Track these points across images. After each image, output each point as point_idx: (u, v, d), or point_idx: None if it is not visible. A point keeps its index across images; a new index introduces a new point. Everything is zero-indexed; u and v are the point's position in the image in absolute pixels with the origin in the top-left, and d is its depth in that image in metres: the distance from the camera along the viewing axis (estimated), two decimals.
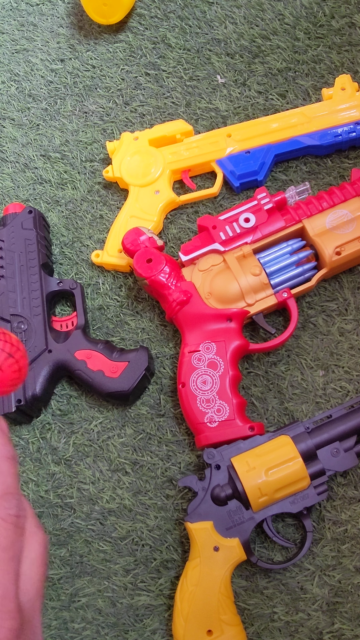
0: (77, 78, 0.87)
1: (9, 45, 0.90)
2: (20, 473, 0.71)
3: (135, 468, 0.69)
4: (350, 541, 0.64)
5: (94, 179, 0.81)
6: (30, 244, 0.74)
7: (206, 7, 0.86)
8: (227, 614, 0.60)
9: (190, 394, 0.66)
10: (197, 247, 0.70)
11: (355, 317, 0.70)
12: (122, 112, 0.84)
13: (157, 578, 0.66)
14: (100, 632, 0.65)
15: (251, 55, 0.83)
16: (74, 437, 0.71)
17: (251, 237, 0.69)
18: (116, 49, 0.87)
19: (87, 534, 0.68)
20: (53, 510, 0.69)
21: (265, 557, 0.65)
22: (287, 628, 0.63)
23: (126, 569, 0.67)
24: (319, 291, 0.72)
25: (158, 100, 0.83)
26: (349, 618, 0.62)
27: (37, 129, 0.85)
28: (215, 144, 0.77)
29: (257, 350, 0.68)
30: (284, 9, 0.84)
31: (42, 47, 0.89)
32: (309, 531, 0.62)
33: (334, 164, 0.76)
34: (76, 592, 0.67)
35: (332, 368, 0.69)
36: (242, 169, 0.75)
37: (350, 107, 0.75)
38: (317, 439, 0.62)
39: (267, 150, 0.75)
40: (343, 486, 0.65)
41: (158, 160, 0.77)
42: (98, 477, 0.69)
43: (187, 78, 0.83)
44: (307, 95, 0.80)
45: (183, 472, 0.68)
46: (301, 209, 0.70)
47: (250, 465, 0.61)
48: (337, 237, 0.68)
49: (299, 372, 0.69)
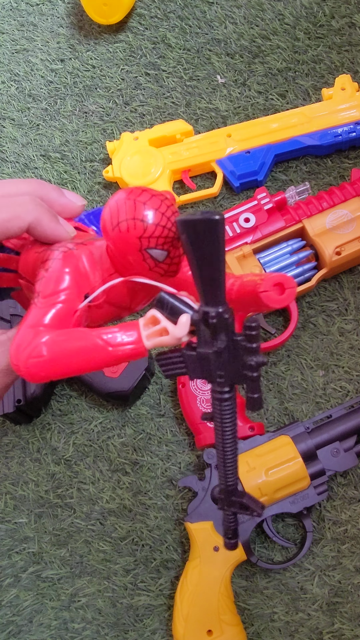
0: (77, 78, 0.87)
1: (9, 45, 0.90)
2: (20, 473, 0.71)
3: (135, 468, 0.69)
4: (350, 541, 0.64)
5: (94, 179, 0.81)
6: None
7: (206, 7, 0.86)
8: (227, 614, 0.60)
9: (190, 394, 0.66)
10: None
11: (355, 317, 0.70)
12: (122, 112, 0.84)
13: (157, 578, 0.66)
14: (100, 632, 0.65)
15: (251, 55, 0.83)
16: (74, 437, 0.71)
17: (251, 237, 0.69)
18: (116, 49, 0.87)
19: (87, 534, 0.68)
20: (53, 510, 0.69)
21: (265, 557, 0.65)
22: (287, 628, 0.63)
23: (126, 569, 0.67)
24: (319, 291, 0.72)
25: (158, 100, 0.83)
26: (348, 618, 0.62)
27: (37, 129, 0.85)
28: (215, 144, 0.77)
29: None
30: (284, 9, 0.83)
31: (42, 47, 0.89)
32: (309, 531, 0.62)
33: (334, 164, 0.76)
34: (76, 592, 0.67)
35: (332, 368, 0.69)
36: (242, 169, 0.75)
37: (350, 107, 0.75)
38: (317, 439, 0.62)
39: (267, 150, 0.75)
40: (343, 486, 0.65)
41: (158, 160, 0.77)
42: (98, 477, 0.69)
43: (187, 78, 0.83)
44: (307, 95, 0.80)
45: (183, 472, 0.68)
46: (301, 209, 0.70)
47: (250, 465, 0.61)
48: (337, 237, 0.68)
49: (299, 372, 0.69)
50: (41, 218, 0.39)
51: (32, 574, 0.68)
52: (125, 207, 0.35)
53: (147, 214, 0.34)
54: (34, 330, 0.34)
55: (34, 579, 0.68)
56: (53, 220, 0.39)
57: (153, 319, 0.33)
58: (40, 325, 0.35)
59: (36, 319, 0.35)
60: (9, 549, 0.69)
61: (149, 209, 0.34)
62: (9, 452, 0.71)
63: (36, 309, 0.35)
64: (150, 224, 0.34)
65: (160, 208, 0.35)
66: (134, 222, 0.34)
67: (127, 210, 0.35)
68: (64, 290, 0.36)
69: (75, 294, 0.36)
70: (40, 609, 0.67)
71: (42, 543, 0.68)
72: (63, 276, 0.36)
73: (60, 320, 0.35)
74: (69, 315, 0.36)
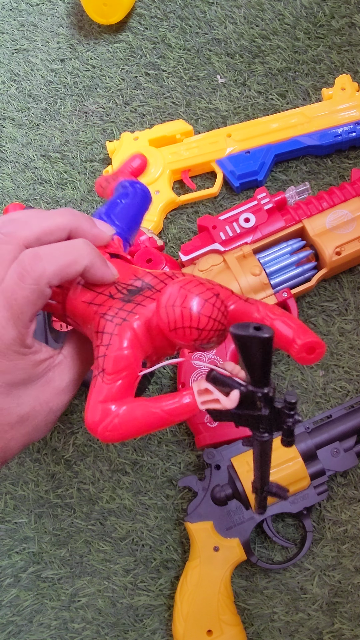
0: (77, 78, 0.87)
1: (9, 45, 0.90)
2: (20, 473, 0.71)
3: (135, 468, 0.69)
4: (350, 541, 0.64)
5: (94, 179, 0.81)
6: None
7: (206, 7, 0.86)
8: (227, 614, 0.60)
9: None
10: (197, 247, 0.70)
11: (355, 317, 0.70)
12: (122, 112, 0.84)
13: (157, 578, 0.66)
14: (100, 632, 0.65)
15: (251, 55, 0.83)
16: (74, 437, 0.71)
17: (251, 237, 0.69)
18: (116, 49, 0.87)
19: (87, 534, 0.68)
20: (53, 510, 0.69)
21: (265, 557, 0.65)
22: (287, 628, 0.63)
23: (126, 569, 0.67)
24: (319, 291, 0.72)
25: (158, 100, 0.83)
26: (348, 618, 0.62)
27: (37, 129, 0.85)
28: (215, 144, 0.77)
29: None
30: (284, 9, 0.83)
31: (42, 47, 0.89)
32: (309, 531, 0.62)
33: (334, 164, 0.76)
34: (76, 592, 0.67)
35: (332, 368, 0.69)
36: (242, 169, 0.75)
37: (350, 107, 0.75)
38: (317, 439, 0.62)
39: (267, 150, 0.75)
40: (343, 486, 0.65)
41: (158, 160, 0.77)
42: (98, 477, 0.69)
43: (187, 78, 0.83)
44: (307, 95, 0.80)
45: (183, 472, 0.68)
46: (301, 209, 0.70)
47: (250, 465, 0.61)
48: (337, 237, 0.68)
49: (299, 372, 0.69)
50: (94, 262, 0.41)
51: (32, 574, 0.68)
52: (182, 313, 0.39)
53: (201, 319, 0.38)
54: (103, 406, 0.39)
55: (34, 579, 0.68)
56: (104, 265, 0.42)
57: (206, 390, 0.38)
58: (109, 401, 0.39)
59: (104, 394, 0.40)
60: (9, 549, 0.69)
61: (204, 314, 0.38)
62: None
63: (103, 385, 0.40)
64: (204, 328, 0.38)
65: (212, 313, 0.38)
66: (190, 330, 0.38)
67: (184, 318, 0.38)
68: (126, 368, 0.40)
69: (135, 365, 0.40)
70: (40, 609, 0.67)
71: (42, 543, 0.68)
72: (123, 352, 0.40)
73: (125, 390, 0.40)
74: (132, 383, 0.40)
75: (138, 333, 0.40)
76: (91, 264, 0.40)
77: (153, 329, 0.40)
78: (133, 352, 0.40)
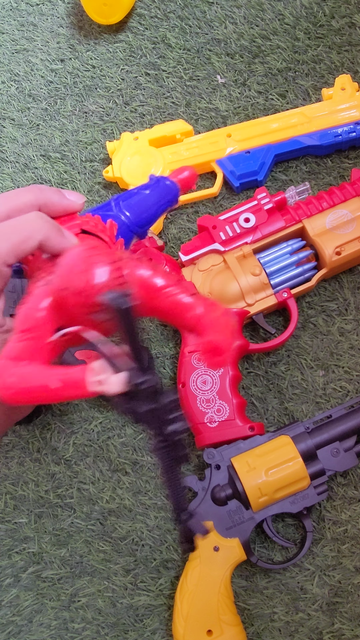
0: (77, 78, 0.87)
1: (9, 45, 0.90)
2: (20, 473, 0.71)
3: (135, 468, 0.69)
4: (350, 541, 0.64)
5: (94, 179, 0.81)
6: None
7: (206, 7, 0.86)
8: (227, 614, 0.60)
9: (190, 394, 0.66)
10: (197, 247, 0.70)
11: (355, 317, 0.70)
12: (122, 112, 0.84)
13: (157, 578, 0.66)
14: (100, 632, 0.65)
15: (251, 55, 0.83)
16: (74, 437, 0.71)
17: (251, 237, 0.69)
18: (116, 49, 0.87)
19: (87, 534, 0.68)
20: (53, 510, 0.69)
21: (265, 557, 0.65)
22: (287, 628, 0.63)
23: (126, 569, 0.67)
24: (319, 291, 0.72)
25: (158, 100, 0.83)
26: (348, 618, 0.62)
27: (37, 129, 0.85)
28: (215, 144, 0.77)
29: (257, 350, 0.68)
30: (284, 9, 0.83)
31: (42, 47, 0.89)
32: (309, 531, 0.62)
33: (334, 164, 0.76)
34: (76, 592, 0.67)
35: (332, 368, 0.69)
36: (242, 169, 0.75)
37: (350, 107, 0.75)
38: (317, 439, 0.62)
39: (267, 150, 0.75)
40: (343, 486, 0.65)
41: (158, 160, 0.77)
42: (98, 477, 0.69)
43: (187, 78, 0.83)
44: (307, 95, 0.80)
45: (183, 472, 0.68)
46: (301, 209, 0.70)
47: (250, 465, 0.61)
48: (337, 237, 0.68)
49: (299, 372, 0.69)
50: (49, 235, 0.40)
51: (32, 574, 0.68)
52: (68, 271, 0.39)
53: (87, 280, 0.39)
54: (4, 362, 0.39)
55: (34, 579, 0.68)
56: (60, 235, 0.41)
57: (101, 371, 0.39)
58: (11, 358, 0.39)
59: (7, 351, 0.40)
60: (9, 549, 0.69)
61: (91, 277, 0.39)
62: (9, 452, 0.71)
63: (9, 342, 0.40)
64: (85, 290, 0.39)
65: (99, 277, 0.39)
66: (76, 292, 0.39)
67: (72, 277, 0.39)
68: (34, 329, 0.40)
69: (45, 328, 0.40)
70: (40, 609, 0.67)
71: (42, 543, 0.68)
72: (32, 312, 0.40)
73: (32, 352, 0.40)
74: (41, 348, 0.40)
75: (54, 296, 0.40)
76: (46, 237, 0.40)
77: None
78: (44, 314, 0.40)
